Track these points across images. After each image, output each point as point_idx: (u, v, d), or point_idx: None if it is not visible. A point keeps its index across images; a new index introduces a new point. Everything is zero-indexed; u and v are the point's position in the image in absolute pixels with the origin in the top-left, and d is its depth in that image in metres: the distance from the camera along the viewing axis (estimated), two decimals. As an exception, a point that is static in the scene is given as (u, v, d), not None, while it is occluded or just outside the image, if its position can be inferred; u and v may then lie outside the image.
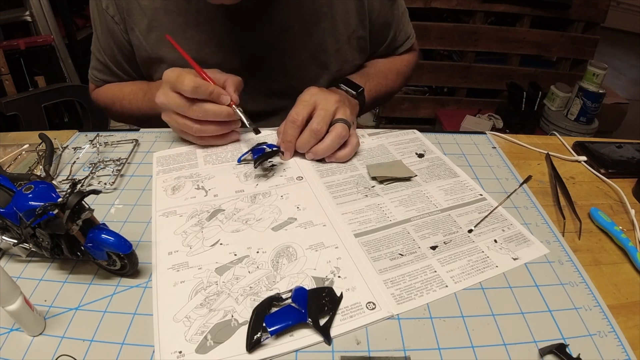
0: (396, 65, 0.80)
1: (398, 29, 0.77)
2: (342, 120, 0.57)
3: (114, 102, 0.74)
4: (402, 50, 0.81)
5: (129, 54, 0.70)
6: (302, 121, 0.56)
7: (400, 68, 0.81)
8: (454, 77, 2.06)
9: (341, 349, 0.36)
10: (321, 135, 0.56)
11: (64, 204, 0.37)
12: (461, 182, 0.56)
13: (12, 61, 1.58)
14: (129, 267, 0.41)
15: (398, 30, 0.77)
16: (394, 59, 0.81)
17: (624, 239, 0.47)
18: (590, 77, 1.78)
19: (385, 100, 0.84)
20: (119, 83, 0.75)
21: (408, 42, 0.81)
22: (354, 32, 0.70)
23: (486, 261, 0.44)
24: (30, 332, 0.37)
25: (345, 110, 0.58)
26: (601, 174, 0.60)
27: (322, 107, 0.56)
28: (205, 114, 0.56)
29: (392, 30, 0.76)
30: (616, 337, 0.38)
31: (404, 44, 0.81)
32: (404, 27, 0.79)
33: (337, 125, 0.56)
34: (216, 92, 0.55)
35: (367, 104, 0.72)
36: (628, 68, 3.13)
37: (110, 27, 0.67)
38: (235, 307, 0.39)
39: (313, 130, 0.55)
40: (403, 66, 0.82)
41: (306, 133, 0.56)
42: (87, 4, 0.70)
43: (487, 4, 1.85)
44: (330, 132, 0.56)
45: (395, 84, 0.80)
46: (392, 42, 0.78)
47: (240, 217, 0.49)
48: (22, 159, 0.59)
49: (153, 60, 0.67)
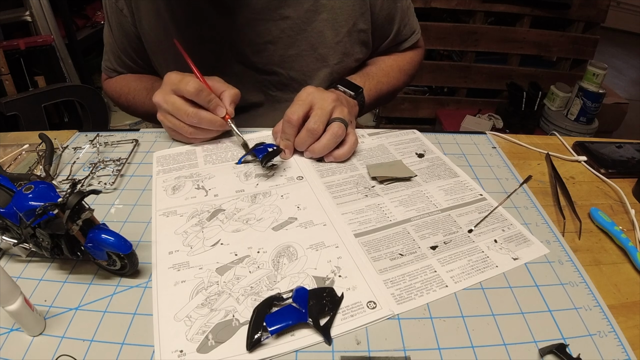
0: (399, 63, 0.79)
1: (402, 23, 0.76)
2: (339, 119, 0.57)
3: (120, 95, 0.77)
4: (407, 45, 0.80)
5: (138, 47, 0.72)
6: (299, 120, 0.56)
7: (403, 65, 0.80)
8: (454, 77, 2.05)
9: (341, 349, 0.36)
10: (318, 134, 0.56)
11: (64, 204, 0.37)
12: (461, 182, 0.56)
13: (12, 61, 1.58)
14: (129, 267, 0.41)
15: (402, 25, 0.76)
16: (397, 57, 0.80)
17: (624, 239, 0.47)
18: (590, 77, 1.78)
19: (389, 98, 0.83)
20: (128, 77, 0.77)
21: (413, 37, 0.80)
22: (354, 25, 0.69)
23: (486, 261, 0.44)
24: (30, 332, 0.37)
25: (342, 110, 0.58)
26: (601, 174, 0.60)
27: (319, 107, 0.57)
28: (199, 121, 0.57)
29: (396, 24, 0.74)
30: (616, 337, 0.38)
31: (409, 39, 0.79)
32: (409, 21, 0.77)
33: (334, 125, 0.56)
34: (214, 103, 0.57)
35: (368, 103, 0.71)
36: (628, 68, 3.13)
37: (120, 20, 0.69)
38: (236, 307, 0.39)
39: (310, 129, 0.56)
40: (406, 63, 0.80)
41: (303, 132, 0.57)
42: (87, 4, 0.72)
43: (487, 4, 1.85)
44: (327, 131, 0.57)
45: (398, 82, 0.79)
46: (397, 36, 0.77)
47: (240, 216, 0.49)
48: (22, 159, 0.59)
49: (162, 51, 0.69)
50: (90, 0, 2.03)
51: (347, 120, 0.58)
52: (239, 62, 0.68)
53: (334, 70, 0.71)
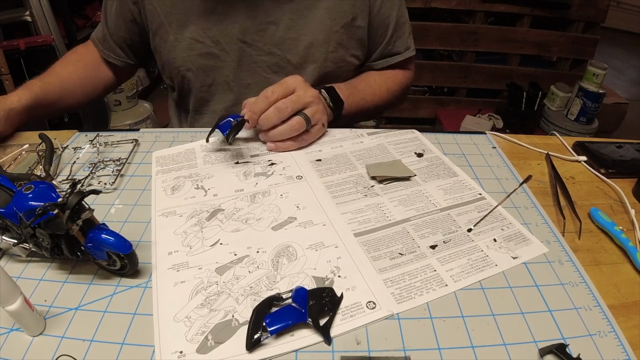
0: (387, 83, 0.80)
1: (396, 34, 0.77)
2: (304, 115, 0.59)
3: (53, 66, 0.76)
4: (399, 59, 0.80)
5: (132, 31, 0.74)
6: (275, 99, 0.58)
7: (391, 86, 0.81)
8: (454, 77, 2.06)
9: (341, 349, 0.36)
10: (284, 115, 0.58)
11: (64, 204, 0.37)
12: (460, 182, 0.56)
13: (12, 61, 1.57)
14: (129, 267, 0.41)
15: (397, 36, 0.77)
16: (387, 77, 0.80)
17: (624, 239, 0.47)
18: (590, 77, 1.78)
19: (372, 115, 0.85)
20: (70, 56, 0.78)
21: (406, 53, 0.80)
22: (353, 20, 0.72)
23: (486, 260, 0.44)
24: (30, 332, 0.37)
25: (316, 108, 0.60)
26: (601, 174, 0.60)
27: (297, 94, 0.59)
28: None
29: (390, 31, 0.76)
30: (616, 337, 0.38)
31: (402, 54, 0.80)
32: (404, 35, 0.79)
33: (295, 118, 0.59)
34: None
35: (346, 116, 0.72)
36: (628, 68, 3.13)
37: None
38: (235, 307, 0.39)
39: (278, 107, 0.58)
40: (394, 84, 0.81)
41: (271, 109, 0.58)
42: (87, 4, 0.72)
43: (487, 4, 1.85)
44: (287, 121, 0.59)
45: (384, 101, 0.80)
46: (389, 44, 0.78)
47: (240, 216, 0.49)
48: (22, 159, 0.59)
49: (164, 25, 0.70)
50: (90, 0, 2.04)
51: (311, 120, 0.60)
52: (240, 40, 0.70)
53: (328, 57, 0.72)
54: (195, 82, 0.73)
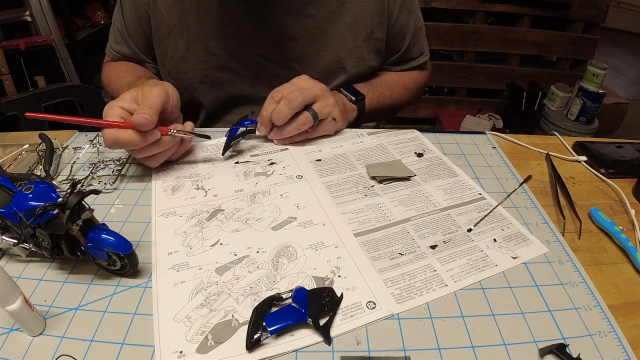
0: (404, 81, 0.80)
1: (413, 42, 0.77)
2: (312, 111, 0.58)
3: (108, 83, 0.77)
4: (415, 64, 0.81)
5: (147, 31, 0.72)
6: (281, 98, 0.57)
7: (408, 84, 0.81)
8: (454, 77, 2.06)
9: (341, 349, 0.36)
10: (295, 106, 0.56)
11: (64, 204, 0.37)
12: (460, 182, 0.56)
13: (12, 61, 1.57)
14: (129, 267, 0.41)
15: (413, 43, 0.78)
16: (402, 74, 0.81)
17: (624, 239, 0.47)
18: (590, 77, 1.78)
19: (390, 113, 0.84)
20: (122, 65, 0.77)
21: (421, 58, 0.81)
22: (372, 33, 0.71)
23: (486, 260, 0.44)
24: (30, 332, 0.37)
25: (325, 102, 0.59)
26: (601, 174, 0.60)
27: (306, 87, 0.58)
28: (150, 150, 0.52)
29: (407, 40, 0.76)
30: (616, 337, 0.38)
31: (418, 59, 0.81)
32: (419, 41, 0.79)
33: (303, 113, 0.58)
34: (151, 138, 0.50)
35: (368, 112, 0.72)
36: (628, 68, 3.13)
37: None
38: (235, 307, 0.39)
39: (288, 99, 0.56)
40: (411, 82, 0.81)
41: (282, 102, 0.57)
42: (87, 4, 0.72)
43: (487, 4, 1.85)
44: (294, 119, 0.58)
45: (402, 97, 0.80)
46: (406, 52, 0.78)
47: (240, 216, 0.49)
48: (22, 159, 0.59)
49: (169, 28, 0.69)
50: (90, 0, 2.04)
51: (318, 116, 0.59)
52: (258, 54, 0.69)
53: (350, 74, 0.72)
54: (209, 94, 0.72)
